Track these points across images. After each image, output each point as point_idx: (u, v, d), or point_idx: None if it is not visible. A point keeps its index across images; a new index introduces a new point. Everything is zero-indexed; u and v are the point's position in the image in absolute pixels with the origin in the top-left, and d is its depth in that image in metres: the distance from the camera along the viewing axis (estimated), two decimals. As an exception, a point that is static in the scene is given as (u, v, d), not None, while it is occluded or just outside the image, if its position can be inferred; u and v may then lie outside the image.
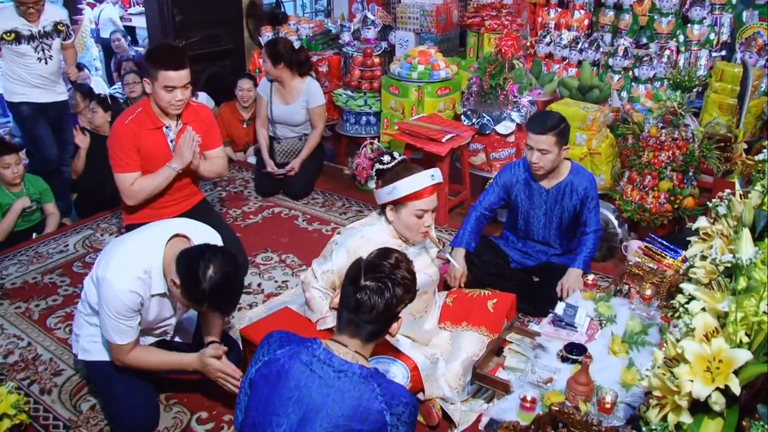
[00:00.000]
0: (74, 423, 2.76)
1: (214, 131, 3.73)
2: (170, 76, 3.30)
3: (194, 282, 2.31)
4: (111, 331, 2.50)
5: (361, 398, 1.76)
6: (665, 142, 3.94)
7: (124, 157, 3.44)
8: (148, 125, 3.46)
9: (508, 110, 4.62)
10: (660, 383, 1.55)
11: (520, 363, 2.69)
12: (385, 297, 1.83)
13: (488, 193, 3.51)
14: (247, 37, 6.52)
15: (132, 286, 2.43)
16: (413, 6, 5.62)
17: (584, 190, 3.31)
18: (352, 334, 1.88)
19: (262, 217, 4.63)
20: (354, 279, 1.88)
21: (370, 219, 2.74)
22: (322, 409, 1.76)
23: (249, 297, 3.63)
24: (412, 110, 5.05)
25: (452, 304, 2.92)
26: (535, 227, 3.48)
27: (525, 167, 3.41)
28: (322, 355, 1.83)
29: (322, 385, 1.78)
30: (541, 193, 3.39)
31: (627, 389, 2.41)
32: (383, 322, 1.89)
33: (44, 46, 4.51)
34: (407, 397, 1.82)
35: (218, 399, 2.85)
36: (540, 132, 3.16)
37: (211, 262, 2.31)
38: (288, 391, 1.80)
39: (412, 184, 2.54)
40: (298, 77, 4.86)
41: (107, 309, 2.46)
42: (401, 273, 1.90)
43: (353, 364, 1.82)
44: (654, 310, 2.83)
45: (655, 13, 5.26)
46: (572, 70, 5.38)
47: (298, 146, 4.96)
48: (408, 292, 1.91)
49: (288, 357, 1.85)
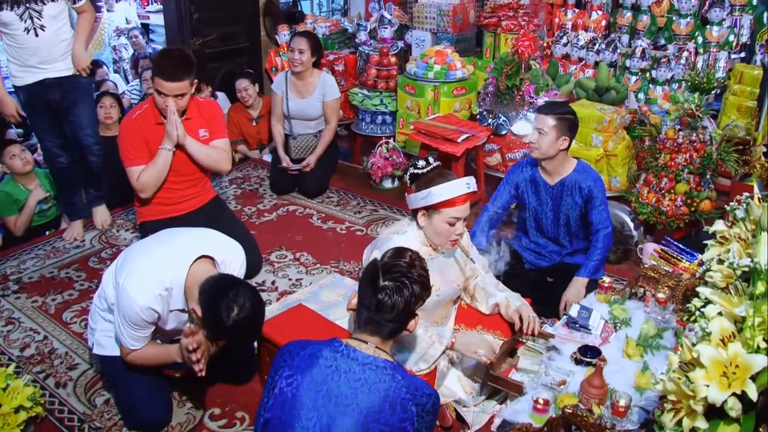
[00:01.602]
0: (89, 417, 2.79)
1: (218, 124, 3.77)
2: (161, 83, 3.41)
3: (217, 319, 2.29)
4: (124, 336, 2.52)
5: (389, 389, 1.80)
6: (682, 144, 3.91)
7: (133, 150, 3.55)
8: (151, 120, 3.57)
9: (524, 111, 4.61)
10: (675, 387, 1.54)
11: (534, 365, 2.69)
12: (404, 295, 1.89)
13: (499, 192, 3.51)
14: (264, 35, 6.54)
15: (151, 303, 2.44)
16: (430, 6, 5.62)
17: (588, 189, 3.29)
18: (372, 332, 1.93)
19: (277, 215, 4.65)
20: (372, 280, 1.92)
21: (401, 226, 2.72)
22: (352, 402, 1.79)
23: (263, 294, 3.63)
24: (428, 110, 5.04)
25: (467, 308, 2.91)
26: (544, 224, 3.47)
27: (531, 164, 3.42)
28: (345, 350, 1.87)
29: (350, 378, 1.82)
30: (546, 189, 3.39)
31: (641, 393, 2.40)
32: (403, 320, 1.95)
33: (32, 12, 3.68)
34: (429, 389, 1.88)
35: (231, 396, 2.87)
36: (542, 112, 3.24)
37: (235, 303, 2.27)
38: (316, 385, 1.83)
39: (447, 191, 2.50)
40: (315, 70, 4.87)
41: (123, 317, 2.47)
42: (417, 271, 1.96)
43: (376, 358, 1.87)
44: (669, 314, 2.81)
45: (674, 14, 5.23)
46: (589, 71, 5.35)
47: (313, 143, 4.97)
48: (425, 288, 1.98)
49: (310, 356, 1.89)
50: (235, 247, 2.73)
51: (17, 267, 3.92)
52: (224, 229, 3.59)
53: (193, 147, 3.59)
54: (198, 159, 3.63)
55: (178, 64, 3.42)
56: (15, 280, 3.78)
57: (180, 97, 3.46)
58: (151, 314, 2.46)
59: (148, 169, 3.54)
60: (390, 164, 4.98)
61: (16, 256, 4.03)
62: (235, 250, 2.71)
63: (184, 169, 3.64)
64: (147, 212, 3.69)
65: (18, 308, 3.53)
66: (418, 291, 1.93)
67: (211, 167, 3.74)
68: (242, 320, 2.28)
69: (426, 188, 2.51)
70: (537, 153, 3.27)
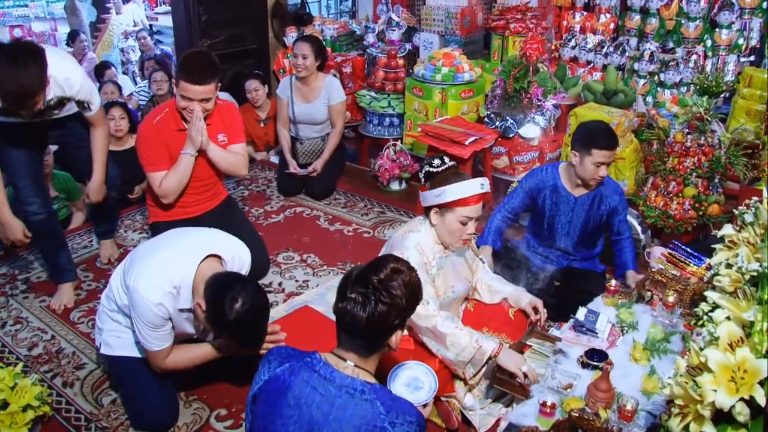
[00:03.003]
0: (95, 416, 2.80)
1: (237, 128, 3.72)
2: (187, 87, 3.34)
3: (220, 312, 2.32)
4: (149, 340, 2.54)
5: (363, 417, 1.71)
6: (691, 147, 3.89)
7: (155, 155, 3.48)
8: (173, 126, 3.50)
9: (532, 114, 4.61)
10: (682, 392, 1.53)
11: (540, 368, 2.68)
12: (366, 311, 1.76)
13: (512, 197, 3.51)
14: (272, 37, 6.54)
15: (161, 299, 2.46)
16: (438, 8, 5.62)
17: (614, 203, 3.37)
18: (347, 348, 1.84)
19: (284, 216, 4.65)
20: (342, 287, 1.83)
21: (414, 225, 2.73)
22: (324, 428, 1.72)
23: (270, 296, 3.64)
24: (436, 112, 5.04)
25: (473, 310, 2.92)
26: (558, 233, 3.47)
27: (552, 174, 3.41)
28: (322, 370, 1.79)
29: (323, 402, 1.74)
30: (569, 201, 3.38)
31: (648, 397, 2.39)
32: (371, 337, 1.82)
33: (46, 117, 3.24)
34: (413, 415, 1.75)
35: (238, 396, 2.87)
36: (613, 147, 3.22)
37: (239, 296, 2.31)
38: (289, 410, 1.77)
39: (461, 190, 2.54)
40: (320, 74, 4.87)
41: (141, 320, 2.49)
42: (392, 288, 1.80)
43: (355, 380, 1.77)
44: (677, 318, 2.80)
45: (683, 18, 5.22)
46: (597, 74, 5.34)
47: (320, 147, 4.97)
48: (395, 309, 1.80)
49: (288, 374, 1.82)
50: (241, 247, 2.75)
51: (25, 267, 3.94)
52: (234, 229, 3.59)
53: (214, 152, 3.54)
54: (218, 164, 3.60)
55: (204, 67, 3.36)
56: (23, 280, 3.80)
57: (205, 101, 3.40)
58: (162, 311, 2.47)
59: (171, 174, 3.49)
60: (397, 166, 4.98)
61: (24, 255, 4.05)
62: (241, 250, 2.73)
63: (202, 173, 3.61)
64: (160, 213, 3.65)
65: (26, 308, 3.54)
66: (383, 310, 1.76)
67: (229, 172, 3.71)
68: (245, 313, 2.31)
69: (441, 186, 2.55)
70: (597, 183, 3.31)
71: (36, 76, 2.82)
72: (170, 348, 2.61)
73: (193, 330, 2.69)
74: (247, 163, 3.79)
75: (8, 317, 3.48)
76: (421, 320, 2.53)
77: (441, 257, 2.68)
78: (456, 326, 2.53)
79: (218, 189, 3.81)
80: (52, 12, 8.92)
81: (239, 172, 3.76)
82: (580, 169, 3.25)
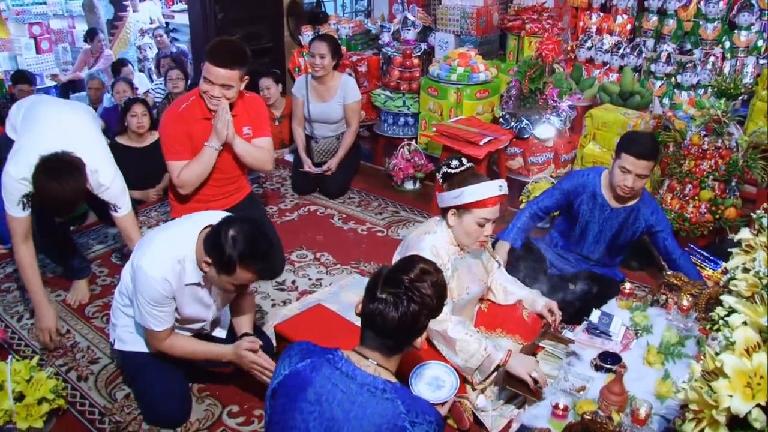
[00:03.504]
0: (109, 410, 2.82)
1: (263, 121, 3.63)
2: (209, 69, 3.26)
3: (220, 249, 2.32)
4: (147, 318, 2.55)
5: (384, 416, 1.71)
6: (708, 150, 3.87)
7: (177, 144, 3.41)
8: (198, 115, 3.41)
9: (547, 114, 4.59)
10: (697, 397, 1.52)
11: (553, 370, 2.67)
12: (399, 312, 1.76)
13: (547, 195, 3.48)
14: (287, 35, 6.56)
15: (165, 274, 2.48)
16: (454, 8, 5.61)
17: (650, 220, 3.30)
18: (371, 347, 1.84)
19: (298, 214, 4.67)
20: (372, 288, 1.82)
21: (430, 226, 2.73)
22: (344, 426, 1.72)
23: (283, 294, 3.66)
24: (451, 112, 5.04)
25: (487, 311, 2.92)
26: (587, 240, 3.43)
27: (595, 180, 3.34)
28: (344, 367, 1.79)
29: (344, 400, 1.74)
30: (604, 209, 3.33)
31: (662, 401, 2.38)
32: (400, 337, 1.83)
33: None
34: (432, 415, 1.76)
35: (250, 393, 2.88)
36: (644, 157, 3.09)
37: (231, 227, 2.33)
38: (309, 405, 1.78)
39: (479, 192, 2.54)
40: (336, 73, 4.88)
41: (141, 296, 2.51)
42: (422, 288, 1.80)
43: (377, 378, 1.77)
44: (692, 322, 2.78)
45: (701, 19, 5.17)
46: (613, 75, 5.31)
47: (335, 145, 4.98)
48: (426, 308, 1.81)
49: (310, 370, 1.82)
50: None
51: (41, 261, 3.95)
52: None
53: (240, 147, 3.45)
54: (243, 158, 3.51)
55: (231, 53, 3.28)
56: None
57: (226, 88, 3.30)
58: (166, 286, 2.49)
59: (191, 165, 3.41)
60: (412, 166, 4.98)
61: (39, 251, 4.07)
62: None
63: (226, 167, 3.53)
64: (182, 207, 3.56)
65: (42, 302, 3.57)
66: (415, 310, 1.77)
67: (254, 167, 3.65)
68: (246, 240, 2.32)
69: (459, 188, 2.55)
70: (630, 194, 3.22)
71: (76, 192, 2.87)
72: (169, 331, 2.62)
73: (209, 304, 2.68)
74: (272, 158, 3.72)
75: (24, 311, 3.51)
76: (433, 323, 2.52)
77: (456, 259, 2.68)
78: (466, 332, 2.53)
79: (241, 183, 3.74)
80: (70, 9, 8.99)
81: (264, 166, 3.71)
82: (611, 176, 3.21)
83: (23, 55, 8.01)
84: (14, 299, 3.64)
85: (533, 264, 3.40)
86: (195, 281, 2.55)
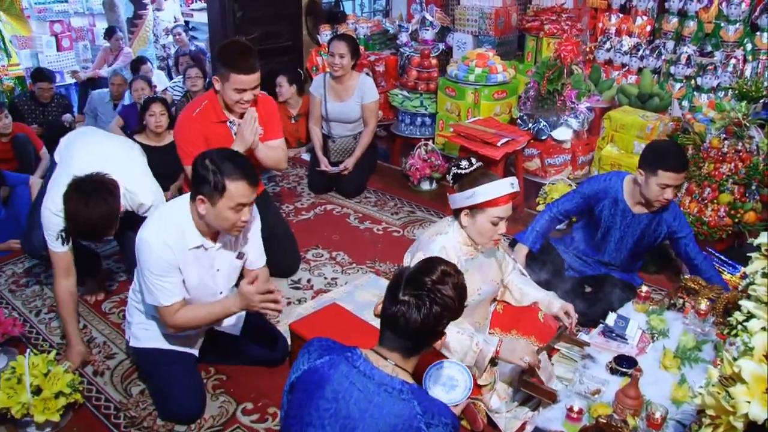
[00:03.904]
0: (124, 405, 2.84)
1: (275, 122, 3.68)
2: (241, 79, 3.28)
3: (205, 176, 2.45)
4: (155, 294, 2.57)
5: (400, 416, 1.72)
6: (727, 153, 3.83)
7: (193, 148, 3.39)
8: (213, 118, 3.46)
9: (565, 116, 4.58)
10: (714, 402, 1.51)
11: (568, 372, 2.66)
12: (421, 314, 1.76)
13: (568, 199, 3.46)
14: (306, 34, 6.58)
15: (164, 239, 2.51)
16: (472, 8, 5.60)
17: (672, 226, 3.27)
18: (390, 348, 1.85)
19: (314, 213, 4.68)
20: (394, 289, 1.82)
21: (442, 227, 2.73)
22: (360, 424, 1.74)
23: (299, 292, 3.67)
24: (468, 113, 5.03)
25: (502, 312, 2.91)
26: (608, 245, 3.41)
27: (618, 186, 3.32)
28: (362, 366, 1.80)
29: (361, 399, 1.76)
30: (626, 215, 3.30)
31: (678, 406, 2.36)
32: (421, 339, 1.83)
33: None
34: (448, 417, 1.77)
35: (265, 391, 2.90)
36: (683, 169, 3.11)
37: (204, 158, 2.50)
38: (326, 402, 1.79)
39: (491, 191, 2.54)
40: (354, 72, 4.89)
41: (146, 269, 2.54)
42: (444, 290, 1.80)
43: (394, 379, 1.78)
44: (709, 326, 2.76)
45: (722, 20, 5.12)
46: (632, 77, 5.27)
47: (352, 145, 4.99)
48: (449, 310, 1.81)
49: (328, 367, 1.83)
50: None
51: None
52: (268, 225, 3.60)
53: (261, 151, 3.49)
54: (261, 160, 3.54)
55: (251, 55, 3.32)
56: (58, 270, 3.86)
57: (254, 89, 3.36)
58: (167, 252, 2.51)
59: None
60: (428, 166, 4.97)
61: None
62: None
63: None
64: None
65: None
66: (437, 312, 1.77)
67: (271, 167, 3.72)
68: (221, 160, 2.47)
69: (471, 188, 2.55)
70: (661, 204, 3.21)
71: (109, 216, 2.82)
72: (181, 304, 2.62)
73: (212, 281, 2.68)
74: (286, 157, 3.78)
75: (43, 305, 3.55)
76: None
77: (467, 259, 2.68)
78: (457, 330, 2.52)
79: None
80: (91, 8, 9.07)
81: (280, 166, 3.76)
82: (645, 189, 3.15)
83: (44, 52, 8.08)
84: (33, 294, 3.68)
85: (551, 266, 3.39)
86: (197, 244, 2.59)
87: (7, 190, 4.44)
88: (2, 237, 4.20)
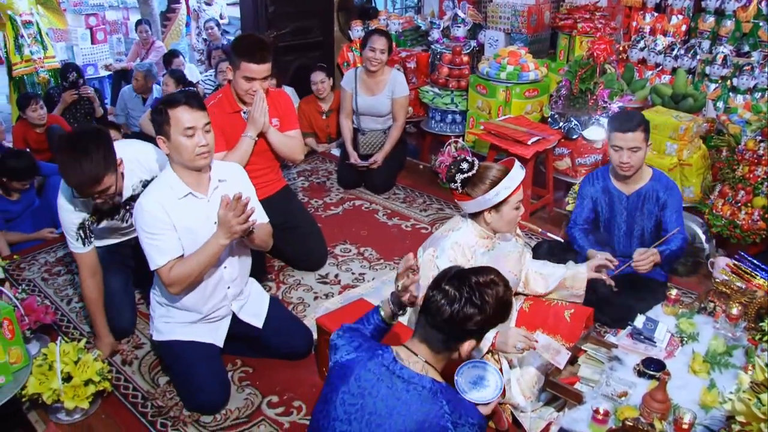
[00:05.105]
0: (152, 395, 2.89)
1: (291, 114, 3.77)
2: (251, 68, 3.41)
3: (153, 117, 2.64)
4: (151, 255, 2.62)
5: (428, 415, 1.73)
6: (763, 156, 3.77)
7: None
8: (227, 109, 3.57)
9: (597, 115, 4.53)
10: (745, 408, 1.50)
11: (595, 374, 2.64)
12: (453, 307, 1.77)
13: (578, 208, 3.48)
14: (337, 30, 6.60)
15: (155, 198, 2.60)
16: (505, 5, 5.56)
17: (664, 196, 3.27)
18: (421, 337, 1.86)
19: (343, 209, 4.69)
20: (439, 279, 1.85)
21: (455, 223, 2.74)
22: (387, 421, 1.75)
23: (326, 287, 3.69)
24: (499, 111, 5.01)
25: (528, 311, 2.89)
26: (616, 236, 3.39)
27: (602, 175, 3.38)
28: (391, 365, 1.82)
29: (389, 396, 1.77)
30: (621, 200, 3.33)
31: (706, 411, 2.33)
32: (449, 333, 1.83)
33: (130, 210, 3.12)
34: (475, 418, 1.78)
35: (290, 385, 2.92)
36: (629, 129, 3.14)
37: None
38: (352, 398, 1.81)
39: (512, 183, 2.59)
40: (386, 67, 4.90)
41: (141, 231, 2.61)
42: (486, 295, 1.80)
43: (423, 377, 1.79)
44: (740, 331, 2.72)
45: (761, 20, 5.02)
46: (666, 77, 5.20)
47: (381, 139, 5.00)
48: (482, 314, 1.79)
49: (356, 363, 1.85)
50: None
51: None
52: (292, 219, 3.63)
53: (273, 136, 3.60)
54: (276, 148, 3.65)
55: (263, 46, 3.44)
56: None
57: (265, 79, 3.48)
58: (158, 208, 2.58)
59: (229, 156, 3.50)
60: (458, 163, 4.96)
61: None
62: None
63: (260, 157, 3.64)
64: None
65: (91, 287, 3.66)
66: (469, 312, 1.77)
67: (286, 156, 3.77)
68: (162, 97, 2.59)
69: (491, 188, 2.56)
70: (632, 170, 3.22)
71: (100, 160, 2.71)
72: (176, 261, 2.63)
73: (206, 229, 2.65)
74: (303, 148, 3.85)
75: (74, 294, 3.62)
76: None
77: (483, 252, 2.67)
78: None
79: (273, 176, 3.82)
80: (125, 1, 9.21)
81: (296, 156, 3.82)
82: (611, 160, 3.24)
83: (79, 45, 8.21)
84: (64, 283, 3.75)
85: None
86: (185, 193, 2.64)
87: (42, 180, 4.53)
88: (37, 225, 4.29)
